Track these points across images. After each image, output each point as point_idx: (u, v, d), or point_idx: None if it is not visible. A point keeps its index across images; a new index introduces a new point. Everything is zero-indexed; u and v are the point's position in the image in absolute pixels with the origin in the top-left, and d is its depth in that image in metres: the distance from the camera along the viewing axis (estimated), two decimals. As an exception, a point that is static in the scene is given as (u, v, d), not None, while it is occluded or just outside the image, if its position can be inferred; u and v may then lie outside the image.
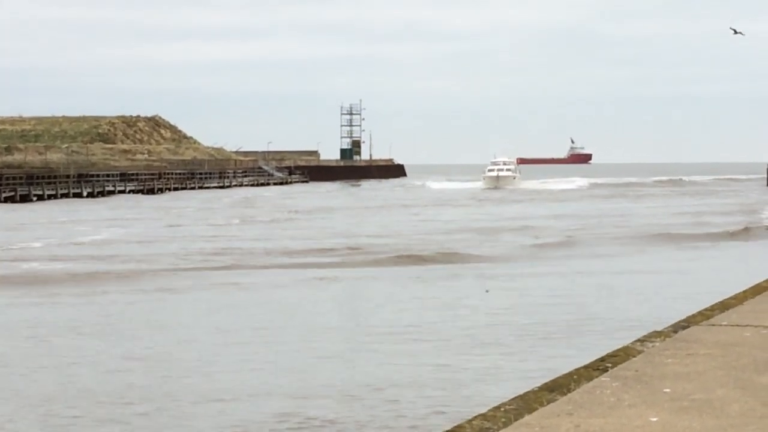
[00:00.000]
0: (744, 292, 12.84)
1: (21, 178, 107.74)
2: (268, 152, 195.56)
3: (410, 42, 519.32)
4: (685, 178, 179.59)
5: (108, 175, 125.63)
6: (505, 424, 6.96)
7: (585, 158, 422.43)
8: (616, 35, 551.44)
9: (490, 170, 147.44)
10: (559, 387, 7.67)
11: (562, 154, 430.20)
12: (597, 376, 7.98)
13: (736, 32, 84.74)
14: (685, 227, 60.26)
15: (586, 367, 8.36)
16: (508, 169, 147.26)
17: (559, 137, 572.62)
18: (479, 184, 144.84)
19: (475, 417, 7.10)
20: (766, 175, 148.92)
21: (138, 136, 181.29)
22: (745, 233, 55.58)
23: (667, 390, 7.60)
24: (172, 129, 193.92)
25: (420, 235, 56.72)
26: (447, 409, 17.43)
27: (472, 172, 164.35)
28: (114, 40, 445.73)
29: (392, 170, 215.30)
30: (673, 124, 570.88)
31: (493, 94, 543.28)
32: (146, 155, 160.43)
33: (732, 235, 54.12)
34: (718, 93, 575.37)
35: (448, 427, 7.16)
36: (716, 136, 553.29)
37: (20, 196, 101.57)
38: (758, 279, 15.53)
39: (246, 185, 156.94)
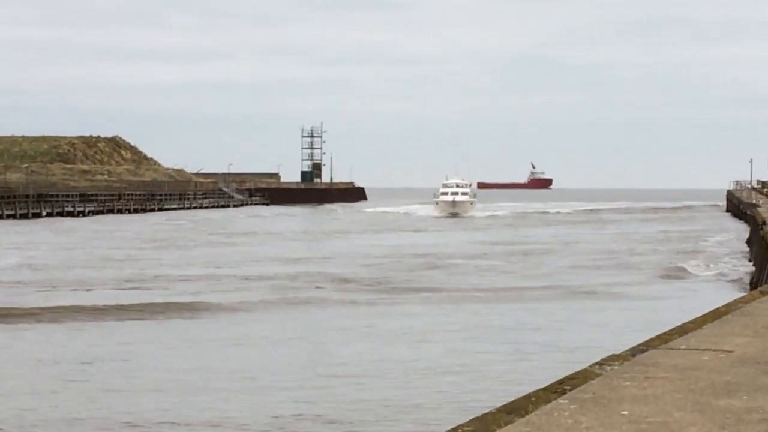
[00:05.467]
0: (703, 316, 12.84)
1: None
2: (229, 174, 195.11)
3: (371, 65, 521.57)
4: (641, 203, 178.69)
5: (67, 196, 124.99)
6: (463, 446, 6.91)
7: (546, 183, 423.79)
8: (576, 61, 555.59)
9: (443, 193, 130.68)
10: (517, 409, 7.62)
11: (523, 179, 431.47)
12: (555, 399, 7.93)
13: None
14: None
15: (544, 389, 8.31)
16: (464, 193, 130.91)
17: (520, 162, 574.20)
18: (429, 210, 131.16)
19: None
20: (725, 202, 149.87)
21: (98, 156, 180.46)
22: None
23: (625, 413, 7.56)
24: (133, 150, 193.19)
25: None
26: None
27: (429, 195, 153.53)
28: (74, 60, 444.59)
29: (352, 193, 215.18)
30: (634, 150, 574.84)
31: (454, 117, 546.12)
32: (106, 176, 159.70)
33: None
34: (679, 119, 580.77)
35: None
36: (678, 162, 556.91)
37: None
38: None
39: (206, 207, 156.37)
